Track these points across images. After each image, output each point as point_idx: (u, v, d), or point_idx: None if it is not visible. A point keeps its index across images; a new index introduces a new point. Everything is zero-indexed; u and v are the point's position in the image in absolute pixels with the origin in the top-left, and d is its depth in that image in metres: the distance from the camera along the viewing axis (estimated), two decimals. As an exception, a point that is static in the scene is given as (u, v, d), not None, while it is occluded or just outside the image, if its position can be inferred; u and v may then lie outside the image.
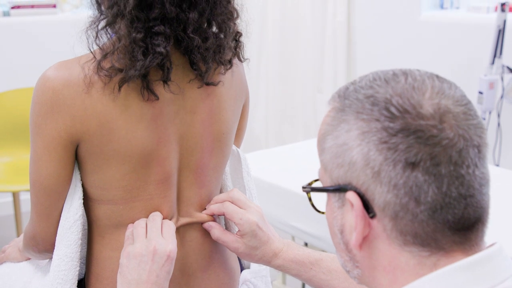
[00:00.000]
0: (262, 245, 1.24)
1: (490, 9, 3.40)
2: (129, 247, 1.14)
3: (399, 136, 0.75)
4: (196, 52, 1.12)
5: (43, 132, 1.11)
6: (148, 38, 1.08)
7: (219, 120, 1.21)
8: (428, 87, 0.78)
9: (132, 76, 1.08)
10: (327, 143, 0.82)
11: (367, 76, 0.83)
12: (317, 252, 1.26)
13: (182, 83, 1.15)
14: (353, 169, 0.78)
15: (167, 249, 1.13)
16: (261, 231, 1.23)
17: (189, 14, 1.10)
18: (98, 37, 1.11)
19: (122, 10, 1.07)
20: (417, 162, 0.74)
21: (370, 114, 0.77)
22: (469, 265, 0.76)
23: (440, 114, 0.76)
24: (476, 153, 0.77)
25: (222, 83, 1.21)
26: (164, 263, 1.12)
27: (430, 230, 0.76)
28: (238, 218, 1.23)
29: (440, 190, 0.75)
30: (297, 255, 1.25)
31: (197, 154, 1.21)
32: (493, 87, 3.05)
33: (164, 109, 1.15)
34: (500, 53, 3.02)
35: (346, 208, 0.81)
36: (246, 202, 1.25)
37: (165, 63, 1.09)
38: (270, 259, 1.25)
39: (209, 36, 1.13)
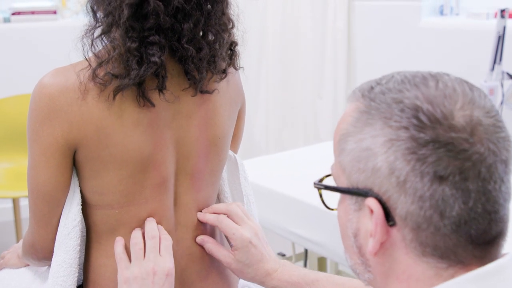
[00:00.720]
0: (255, 264, 1.22)
1: (490, 16, 3.40)
2: (126, 272, 1.13)
3: (429, 148, 0.73)
4: (190, 62, 1.13)
5: (40, 138, 1.12)
6: (143, 48, 1.09)
7: (215, 124, 1.22)
8: (459, 96, 0.76)
9: (127, 84, 1.09)
10: (349, 145, 0.80)
11: (393, 77, 0.80)
12: (313, 272, 1.24)
13: (177, 91, 1.16)
14: (376, 176, 0.76)
15: (166, 268, 1.13)
16: (254, 248, 1.22)
17: (184, 24, 1.11)
18: (93, 45, 1.12)
19: (117, 20, 1.08)
20: (446, 176, 0.73)
21: (399, 121, 0.75)
22: (483, 275, 0.75)
23: (472, 127, 0.74)
24: (504, 169, 0.76)
25: (217, 91, 1.21)
26: (164, 282, 1.12)
27: (451, 243, 0.75)
28: (231, 233, 1.22)
29: (467, 205, 0.74)
30: (292, 276, 1.22)
31: (193, 158, 1.21)
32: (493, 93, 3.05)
33: (160, 114, 1.15)
34: (500, 59, 3.03)
35: (363, 213, 0.80)
36: (243, 218, 1.24)
37: (160, 72, 1.10)
38: (264, 279, 1.23)
39: (203, 46, 1.14)
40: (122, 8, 1.07)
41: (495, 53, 3.03)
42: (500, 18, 2.99)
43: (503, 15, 2.98)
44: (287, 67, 4.03)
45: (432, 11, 3.71)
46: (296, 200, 2.11)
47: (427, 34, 3.55)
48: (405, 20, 3.63)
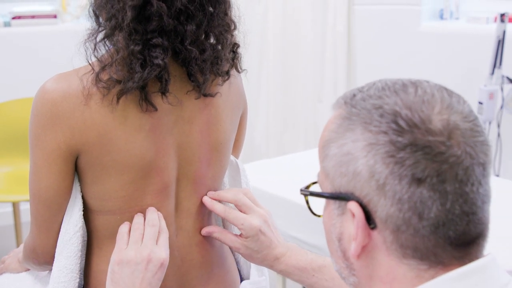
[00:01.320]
0: (264, 249, 1.24)
1: (490, 20, 3.41)
2: (122, 253, 1.13)
3: (407, 151, 0.75)
4: (194, 64, 1.13)
5: (43, 144, 1.12)
6: (146, 50, 1.08)
7: (217, 130, 1.22)
8: (437, 101, 0.78)
9: (130, 88, 1.08)
10: (331, 150, 0.81)
11: (375, 84, 0.82)
12: (321, 258, 1.26)
13: (180, 94, 1.16)
14: (357, 180, 0.78)
15: (161, 257, 1.13)
16: (263, 236, 1.23)
17: (187, 26, 1.10)
18: (96, 49, 1.11)
19: (120, 23, 1.08)
20: (424, 178, 0.74)
21: (378, 126, 0.77)
22: (463, 274, 0.76)
23: (449, 131, 0.76)
24: (481, 171, 0.77)
25: (220, 94, 1.21)
26: (157, 271, 1.12)
27: (431, 245, 0.76)
28: (240, 224, 1.23)
29: (444, 207, 0.75)
30: (299, 261, 1.24)
31: (195, 164, 1.21)
32: (493, 97, 3.06)
33: (163, 119, 1.15)
34: (499, 63, 3.03)
35: (346, 217, 0.81)
36: (251, 206, 1.25)
37: (163, 74, 1.10)
38: (272, 263, 1.25)
39: (207, 48, 1.14)
40: (125, 10, 1.07)
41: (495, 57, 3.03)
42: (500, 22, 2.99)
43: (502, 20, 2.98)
44: (288, 71, 4.04)
45: (432, 15, 3.71)
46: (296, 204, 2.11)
47: (427, 38, 3.56)
48: (405, 24, 3.63)
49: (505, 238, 1.85)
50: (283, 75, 4.04)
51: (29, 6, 3.68)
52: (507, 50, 3.05)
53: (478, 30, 3.40)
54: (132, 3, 1.06)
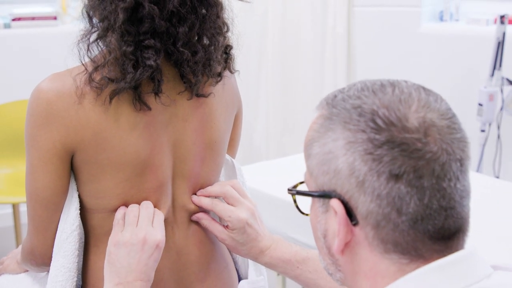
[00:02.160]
0: (250, 242, 1.25)
1: (490, 22, 3.41)
2: (118, 235, 1.14)
3: (384, 148, 0.77)
4: (186, 65, 1.14)
5: (38, 143, 1.12)
6: (139, 52, 1.09)
7: (211, 128, 1.23)
8: (414, 100, 0.80)
9: (123, 88, 1.10)
10: (314, 150, 0.84)
11: (355, 85, 0.85)
12: (305, 250, 1.28)
13: (173, 94, 1.17)
14: (338, 177, 0.80)
15: (157, 239, 1.14)
16: (250, 228, 1.24)
17: (179, 28, 1.11)
18: (89, 50, 1.12)
19: (112, 24, 1.09)
20: (401, 174, 0.76)
21: (357, 124, 0.79)
22: (443, 265, 0.78)
23: (425, 128, 0.78)
24: (458, 167, 0.79)
25: (213, 94, 1.22)
26: (153, 253, 1.13)
27: (410, 239, 0.78)
28: (227, 216, 1.24)
29: (422, 202, 0.77)
30: (284, 254, 1.26)
31: (190, 162, 1.22)
32: (493, 99, 3.06)
33: (157, 117, 1.16)
34: (499, 65, 3.03)
35: (330, 214, 0.83)
36: (238, 199, 1.26)
37: (156, 75, 1.11)
38: (257, 256, 1.27)
39: (199, 50, 1.15)
40: (117, 12, 1.08)
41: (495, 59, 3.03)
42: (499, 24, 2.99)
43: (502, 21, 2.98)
44: (287, 72, 4.04)
45: (432, 17, 3.71)
46: (296, 205, 2.11)
47: (427, 40, 3.56)
48: (405, 26, 3.64)
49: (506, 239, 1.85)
50: (282, 76, 4.04)
51: (29, 8, 3.68)
52: (507, 52, 3.05)
53: (478, 32, 3.40)
54: (124, 5, 1.07)
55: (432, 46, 3.53)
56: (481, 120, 3.08)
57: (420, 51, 3.58)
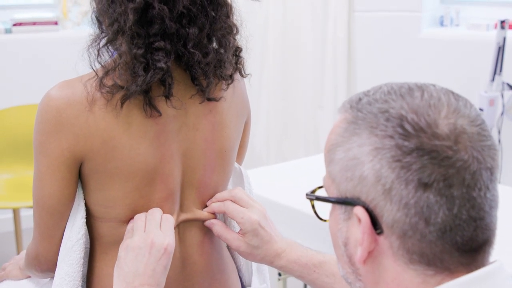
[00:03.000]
0: (264, 245, 1.22)
1: (490, 27, 3.41)
2: (128, 240, 1.14)
3: (413, 156, 0.74)
4: (197, 67, 1.13)
5: (47, 151, 1.12)
6: (149, 54, 1.08)
7: (222, 137, 1.21)
8: (444, 105, 0.77)
9: (134, 92, 1.08)
10: (337, 155, 0.81)
11: (381, 88, 0.82)
12: (321, 254, 1.25)
13: (184, 98, 1.16)
14: (363, 184, 0.77)
15: (165, 242, 1.12)
16: (263, 230, 1.22)
17: (189, 29, 1.10)
18: (99, 55, 1.11)
19: (122, 27, 1.08)
20: (430, 183, 0.74)
21: (384, 130, 0.76)
22: (470, 281, 0.76)
23: (456, 135, 0.75)
24: (489, 176, 0.76)
25: (224, 98, 1.21)
26: (161, 257, 1.11)
27: (437, 250, 0.76)
28: (239, 217, 1.21)
29: (451, 212, 0.74)
30: (300, 257, 1.24)
31: (200, 171, 1.21)
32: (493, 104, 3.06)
33: (167, 126, 1.15)
34: (500, 70, 3.03)
35: (352, 222, 0.80)
36: (248, 201, 1.24)
37: (167, 78, 1.10)
38: (273, 259, 1.24)
39: (210, 51, 1.14)
40: (127, 13, 1.07)
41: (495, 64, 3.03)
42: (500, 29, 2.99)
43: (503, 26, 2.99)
44: (288, 77, 4.04)
45: (432, 22, 3.72)
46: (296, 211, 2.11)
47: (427, 45, 3.56)
48: (406, 31, 3.64)
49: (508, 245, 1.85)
50: (283, 81, 4.05)
51: (30, 13, 3.69)
52: (508, 57, 3.05)
53: (478, 37, 3.40)
54: (134, 5, 1.07)
55: (432, 51, 3.54)
56: (482, 125, 3.07)
57: (420, 56, 3.58)
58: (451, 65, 3.46)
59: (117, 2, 1.08)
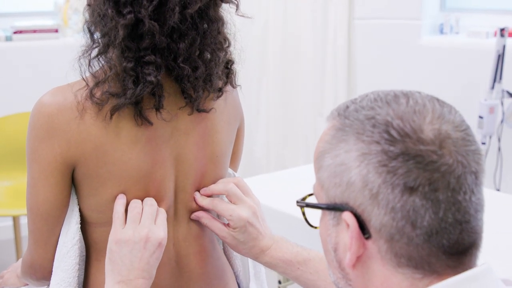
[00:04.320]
0: (251, 241, 1.24)
1: (490, 34, 3.42)
2: (120, 232, 1.13)
3: (399, 160, 0.75)
4: (186, 81, 1.14)
5: (39, 157, 1.12)
6: (139, 67, 1.09)
7: (213, 142, 1.22)
8: (429, 111, 0.79)
9: (123, 104, 1.09)
10: (325, 161, 0.82)
11: (367, 96, 0.83)
12: (306, 250, 1.26)
13: (174, 109, 1.17)
14: (351, 190, 0.79)
15: (159, 237, 1.13)
16: (251, 227, 1.23)
17: (179, 44, 1.11)
18: (90, 65, 1.13)
19: (113, 41, 1.09)
20: (416, 187, 0.75)
21: (371, 136, 0.78)
22: (456, 283, 0.77)
23: (440, 140, 0.76)
24: (473, 180, 0.78)
25: (214, 109, 1.22)
26: (155, 251, 1.13)
27: (424, 253, 0.77)
28: (228, 215, 1.22)
29: (437, 215, 0.76)
30: (285, 254, 1.25)
31: (192, 176, 1.22)
32: (493, 112, 3.06)
33: (158, 131, 1.16)
34: (500, 77, 3.03)
35: (341, 227, 0.82)
36: (240, 197, 1.24)
37: (157, 91, 1.11)
38: (258, 255, 1.25)
39: (199, 65, 1.14)
40: (117, 29, 1.08)
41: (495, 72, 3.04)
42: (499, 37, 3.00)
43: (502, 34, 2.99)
44: (288, 85, 4.05)
45: (432, 29, 3.73)
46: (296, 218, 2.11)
47: (427, 52, 3.57)
48: (405, 39, 3.65)
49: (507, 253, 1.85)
50: (283, 88, 4.05)
51: (31, 21, 3.69)
52: (507, 65, 3.05)
53: (478, 45, 3.41)
54: (124, 22, 1.07)
55: (432, 58, 3.54)
56: (482, 132, 3.08)
57: (420, 64, 3.59)
58: (451, 73, 3.46)
59: (108, 16, 1.09)
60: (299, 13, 3.91)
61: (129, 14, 1.07)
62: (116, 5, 1.08)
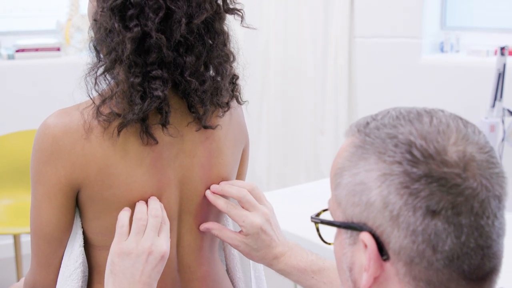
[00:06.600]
0: (264, 248, 1.21)
1: (490, 53, 3.43)
2: (123, 244, 1.11)
3: (422, 182, 0.74)
4: (194, 95, 1.13)
5: (44, 179, 1.12)
6: (146, 82, 1.08)
7: (219, 164, 1.21)
8: (453, 132, 0.77)
9: (131, 120, 1.08)
10: (344, 179, 0.80)
11: (389, 113, 0.81)
12: (321, 259, 1.24)
13: (181, 126, 1.16)
14: (370, 210, 0.77)
15: (162, 250, 1.11)
16: (264, 234, 1.21)
17: (186, 58, 1.10)
18: (97, 84, 1.12)
19: (120, 56, 1.08)
20: (438, 211, 0.73)
21: (393, 156, 0.76)
22: None
23: (465, 162, 0.74)
24: (497, 204, 0.76)
25: (220, 126, 1.21)
26: (157, 264, 1.11)
27: (444, 278, 0.75)
28: (241, 221, 1.20)
29: (459, 240, 0.74)
30: (299, 262, 1.23)
31: (197, 199, 1.20)
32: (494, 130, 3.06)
33: (164, 152, 1.15)
34: (500, 96, 3.04)
35: (358, 247, 0.80)
36: (254, 204, 1.21)
37: (163, 106, 1.10)
38: (271, 262, 1.23)
39: (206, 79, 1.14)
40: (124, 42, 1.07)
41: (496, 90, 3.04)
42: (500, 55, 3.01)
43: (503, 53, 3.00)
44: (289, 103, 4.05)
45: (433, 48, 3.74)
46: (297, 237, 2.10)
47: (427, 71, 3.58)
48: (406, 57, 3.66)
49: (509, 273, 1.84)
50: (284, 107, 4.06)
51: (33, 39, 3.71)
52: (508, 83, 3.06)
53: (478, 63, 3.42)
54: (131, 35, 1.07)
55: (432, 77, 3.55)
56: (483, 150, 3.08)
57: (420, 82, 3.59)
58: (451, 91, 3.47)
59: (114, 31, 1.08)
60: (300, 31, 3.92)
61: (135, 27, 1.07)
62: (122, 18, 1.08)
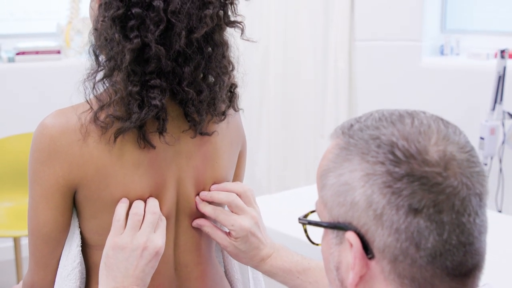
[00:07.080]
0: (252, 250, 1.23)
1: (490, 56, 3.43)
2: (118, 238, 1.12)
3: (404, 181, 0.75)
4: (191, 104, 1.14)
5: (41, 179, 1.12)
6: (144, 91, 1.09)
7: (213, 166, 1.22)
8: (434, 132, 0.79)
9: (128, 127, 1.09)
10: (329, 180, 0.82)
11: (372, 115, 0.83)
12: (306, 260, 1.26)
13: (177, 132, 1.17)
14: (355, 210, 0.79)
15: (157, 245, 1.12)
16: (253, 237, 1.22)
17: (185, 68, 1.11)
18: (95, 88, 1.12)
19: (119, 65, 1.09)
20: (420, 209, 0.75)
21: (375, 156, 0.78)
22: None
23: (445, 161, 0.76)
24: (478, 202, 0.78)
25: (217, 132, 1.22)
26: (152, 259, 1.12)
27: (428, 275, 0.77)
28: (230, 225, 1.22)
29: (441, 237, 0.76)
30: (285, 263, 1.24)
31: (193, 199, 1.21)
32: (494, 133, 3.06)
33: (160, 154, 1.16)
34: (500, 99, 3.04)
35: (344, 246, 0.82)
36: (243, 208, 1.23)
37: (161, 115, 1.11)
38: (258, 264, 1.25)
39: (203, 89, 1.15)
40: (124, 53, 1.08)
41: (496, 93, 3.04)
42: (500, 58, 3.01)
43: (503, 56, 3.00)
44: (289, 106, 4.05)
45: (433, 51, 3.74)
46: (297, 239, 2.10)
47: (427, 74, 3.58)
48: (406, 60, 3.66)
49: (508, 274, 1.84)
50: (284, 110, 4.06)
51: (33, 42, 3.71)
52: (508, 86, 3.06)
53: (478, 66, 3.42)
54: (131, 46, 1.08)
55: (433, 80, 3.55)
56: (483, 154, 3.08)
57: (421, 85, 3.60)
58: (451, 94, 3.47)
59: (114, 41, 1.09)
60: (300, 35, 3.93)
61: (136, 38, 1.08)
62: (123, 29, 1.09)
